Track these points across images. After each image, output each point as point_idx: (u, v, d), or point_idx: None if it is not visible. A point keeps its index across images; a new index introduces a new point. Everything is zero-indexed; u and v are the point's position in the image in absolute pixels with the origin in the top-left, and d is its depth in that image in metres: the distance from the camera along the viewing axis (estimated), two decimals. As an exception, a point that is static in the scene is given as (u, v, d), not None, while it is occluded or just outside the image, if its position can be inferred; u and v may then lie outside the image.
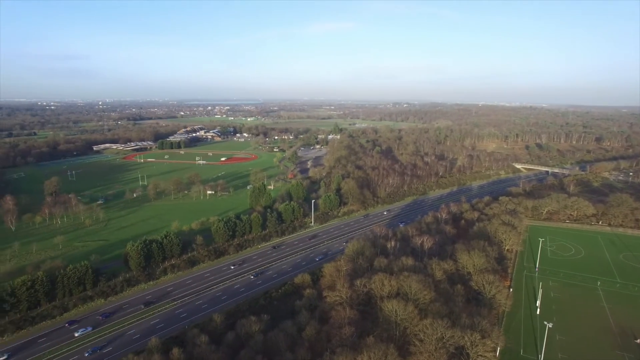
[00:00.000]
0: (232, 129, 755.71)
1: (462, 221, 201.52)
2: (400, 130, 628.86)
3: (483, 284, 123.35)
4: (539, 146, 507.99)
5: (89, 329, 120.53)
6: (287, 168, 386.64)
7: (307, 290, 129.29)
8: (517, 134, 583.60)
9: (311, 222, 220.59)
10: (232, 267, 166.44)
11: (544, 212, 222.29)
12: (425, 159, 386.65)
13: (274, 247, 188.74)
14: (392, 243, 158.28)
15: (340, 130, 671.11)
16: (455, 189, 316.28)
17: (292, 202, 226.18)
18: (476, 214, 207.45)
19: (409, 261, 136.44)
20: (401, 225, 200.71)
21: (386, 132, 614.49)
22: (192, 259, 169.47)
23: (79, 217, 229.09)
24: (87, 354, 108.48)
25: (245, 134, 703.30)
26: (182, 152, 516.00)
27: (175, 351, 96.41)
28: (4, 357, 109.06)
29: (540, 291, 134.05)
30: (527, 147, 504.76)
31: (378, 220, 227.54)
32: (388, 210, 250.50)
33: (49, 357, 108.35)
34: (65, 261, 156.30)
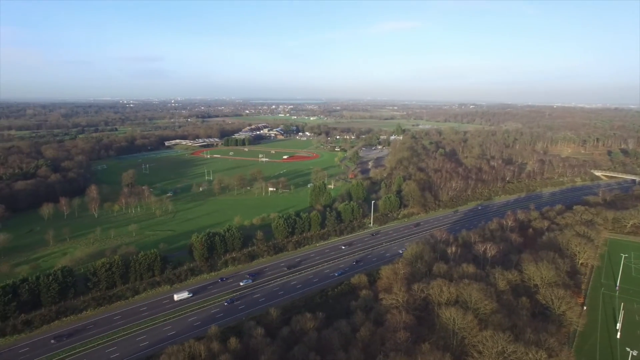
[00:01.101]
0: (294, 128, 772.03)
1: (530, 230, 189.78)
2: (465, 133, 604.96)
3: (551, 299, 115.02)
4: (625, 152, 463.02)
5: (250, 280, 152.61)
6: (348, 168, 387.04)
7: (363, 291, 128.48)
8: (597, 138, 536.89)
9: (370, 223, 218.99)
10: (343, 247, 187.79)
11: (628, 225, 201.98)
12: (492, 162, 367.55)
13: (372, 234, 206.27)
14: (453, 248, 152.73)
15: (403, 131, 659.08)
16: (523, 195, 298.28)
17: (351, 202, 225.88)
18: (546, 223, 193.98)
19: (470, 268, 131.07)
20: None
21: (450, 133, 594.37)
22: (251, 253, 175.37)
23: (150, 207, 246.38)
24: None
25: (307, 133, 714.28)
26: (246, 149, 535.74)
27: (233, 341, 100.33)
28: (189, 295, 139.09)
29: (622, 313, 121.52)
30: (609, 153, 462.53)
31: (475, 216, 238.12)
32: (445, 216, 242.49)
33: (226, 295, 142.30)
34: (138, 248, 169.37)
